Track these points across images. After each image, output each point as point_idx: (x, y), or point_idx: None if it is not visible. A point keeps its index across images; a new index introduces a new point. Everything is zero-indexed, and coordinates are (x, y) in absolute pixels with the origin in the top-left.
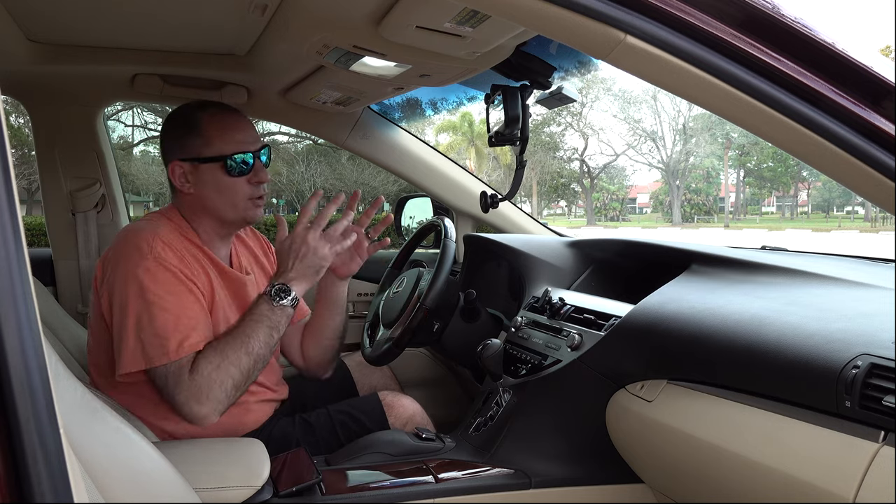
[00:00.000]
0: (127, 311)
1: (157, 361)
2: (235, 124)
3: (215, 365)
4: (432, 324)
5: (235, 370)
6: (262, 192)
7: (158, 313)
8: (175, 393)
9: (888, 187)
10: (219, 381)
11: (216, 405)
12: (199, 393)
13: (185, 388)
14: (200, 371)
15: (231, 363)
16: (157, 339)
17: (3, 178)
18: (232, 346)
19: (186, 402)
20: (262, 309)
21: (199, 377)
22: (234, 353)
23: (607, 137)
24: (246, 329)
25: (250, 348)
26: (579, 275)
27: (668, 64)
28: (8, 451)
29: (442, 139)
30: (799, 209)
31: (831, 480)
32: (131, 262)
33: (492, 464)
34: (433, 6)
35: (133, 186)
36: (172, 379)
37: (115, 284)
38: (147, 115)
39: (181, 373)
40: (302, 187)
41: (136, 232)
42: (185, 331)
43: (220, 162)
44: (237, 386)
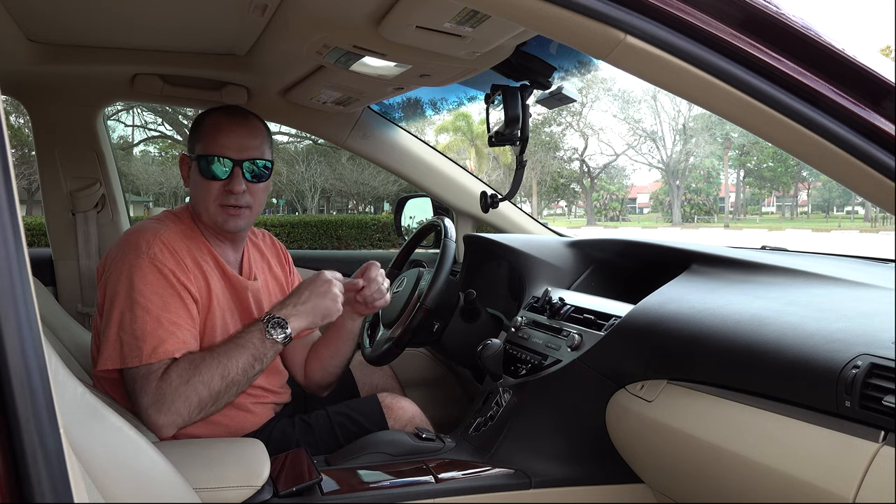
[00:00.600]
0: (113, 308)
1: (131, 362)
2: (228, 128)
3: (185, 379)
4: (432, 324)
5: (204, 389)
6: (233, 201)
7: (141, 314)
8: (140, 396)
9: (888, 187)
10: (184, 396)
11: (175, 418)
12: (161, 401)
13: (150, 394)
14: (169, 381)
15: (202, 381)
16: (134, 339)
17: (3, 178)
18: (208, 365)
19: (147, 407)
20: (252, 337)
21: (165, 386)
22: (209, 372)
23: (607, 137)
24: (229, 352)
25: (226, 372)
26: (579, 275)
27: (668, 64)
28: (8, 451)
29: (442, 139)
30: (799, 209)
31: (831, 480)
32: (127, 259)
33: (492, 464)
34: (433, 6)
35: (133, 186)
36: (140, 382)
37: (109, 280)
38: (147, 115)
39: (150, 377)
40: (302, 187)
41: (139, 231)
42: (163, 335)
43: (200, 161)
44: (202, 406)
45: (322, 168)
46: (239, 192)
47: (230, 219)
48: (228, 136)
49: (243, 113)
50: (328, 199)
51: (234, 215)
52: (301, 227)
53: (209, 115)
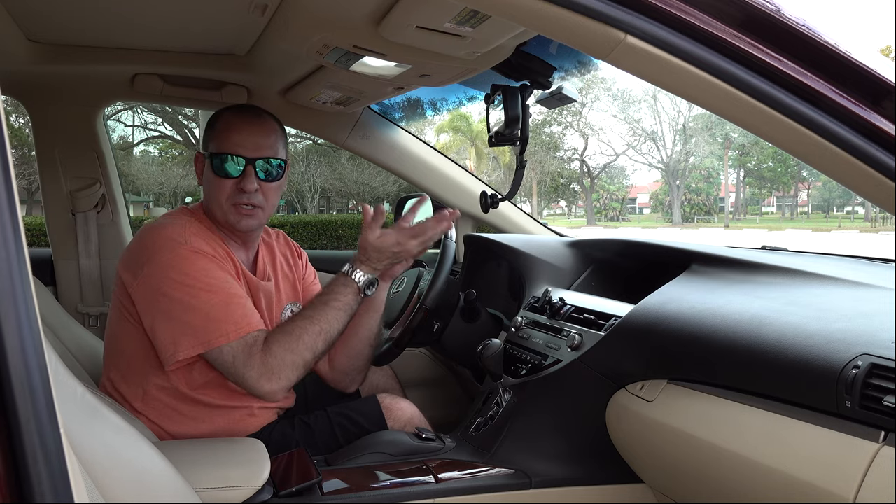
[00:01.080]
0: (169, 300)
1: (216, 342)
2: (241, 126)
3: (290, 349)
4: (432, 324)
5: (309, 354)
6: (245, 200)
7: (206, 296)
8: (245, 371)
9: (888, 187)
10: (291, 363)
11: (286, 383)
12: (270, 372)
13: (257, 366)
14: (274, 353)
15: (307, 348)
16: (209, 321)
17: (3, 178)
18: (309, 332)
19: (258, 378)
20: (349, 299)
21: (271, 359)
22: (311, 338)
23: (607, 137)
24: (328, 315)
25: (329, 336)
26: (579, 275)
27: (668, 64)
28: (8, 451)
29: (442, 139)
30: (799, 209)
31: (831, 480)
32: (166, 253)
33: (492, 464)
34: (433, 6)
35: (133, 186)
36: (242, 358)
37: (150, 277)
38: (147, 115)
39: (250, 351)
40: (302, 187)
41: (164, 226)
42: (239, 311)
43: (214, 160)
44: (307, 367)
45: (322, 168)
46: (251, 190)
47: (242, 218)
48: (241, 135)
49: (257, 111)
50: (328, 199)
51: (247, 215)
52: (301, 227)
53: (223, 114)
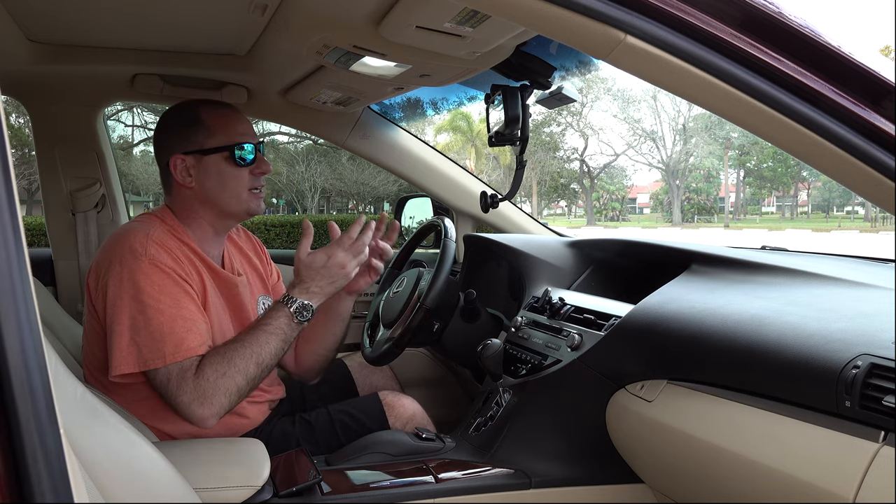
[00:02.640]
0: (121, 313)
1: (153, 364)
2: (237, 117)
3: (221, 372)
4: (432, 324)
5: (242, 379)
6: (262, 183)
7: (154, 315)
8: (177, 395)
9: (888, 187)
10: (224, 388)
11: (219, 409)
12: (202, 397)
13: (189, 391)
14: (206, 377)
15: (238, 371)
16: (152, 341)
17: (3, 178)
18: (241, 355)
19: (189, 404)
20: (281, 323)
21: (204, 382)
22: (244, 362)
23: (607, 137)
24: (259, 339)
25: (260, 359)
26: (579, 275)
27: (668, 64)
28: (8, 451)
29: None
30: (799, 209)
31: (831, 480)
32: (125, 264)
33: (492, 464)
34: (433, 6)
35: (133, 186)
36: (175, 381)
37: (108, 287)
38: (147, 115)
39: (184, 375)
40: (302, 187)
41: (127, 234)
42: (182, 333)
43: (225, 151)
44: (241, 393)
45: (322, 168)
46: (270, 170)
47: (260, 202)
48: (241, 123)
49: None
50: (328, 199)
51: (261, 196)
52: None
53: (203, 110)
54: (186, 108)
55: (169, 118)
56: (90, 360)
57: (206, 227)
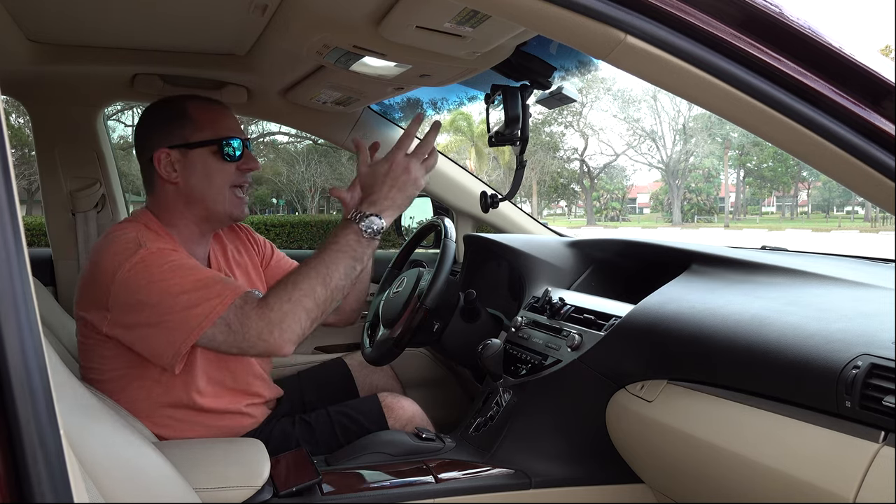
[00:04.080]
0: (147, 304)
1: (207, 323)
2: (224, 113)
3: (286, 298)
4: (432, 324)
5: (309, 301)
6: (248, 180)
7: (179, 286)
8: (244, 331)
9: (888, 187)
10: (292, 313)
11: (290, 335)
12: (271, 325)
13: (255, 324)
14: (270, 305)
15: (304, 294)
16: (193, 307)
17: (3, 178)
18: (306, 276)
19: (259, 336)
20: (349, 240)
21: (269, 311)
22: (309, 283)
23: (607, 137)
24: (326, 259)
25: (328, 280)
26: (579, 275)
27: (668, 64)
28: (8, 451)
29: (442, 139)
30: (799, 209)
31: (831, 480)
32: (125, 263)
33: (492, 464)
34: (433, 6)
35: (133, 186)
36: (236, 321)
37: (119, 293)
38: None
39: (243, 310)
40: (302, 187)
41: (113, 242)
42: (216, 285)
43: (212, 146)
44: (311, 317)
45: (322, 168)
46: (257, 167)
47: (242, 205)
48: (228, 118)
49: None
50: (328, 199)
51: (244, 200)
52: (301, 227)
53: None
54: (173, 103)
55: (153, 113)
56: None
57: (191, 227)
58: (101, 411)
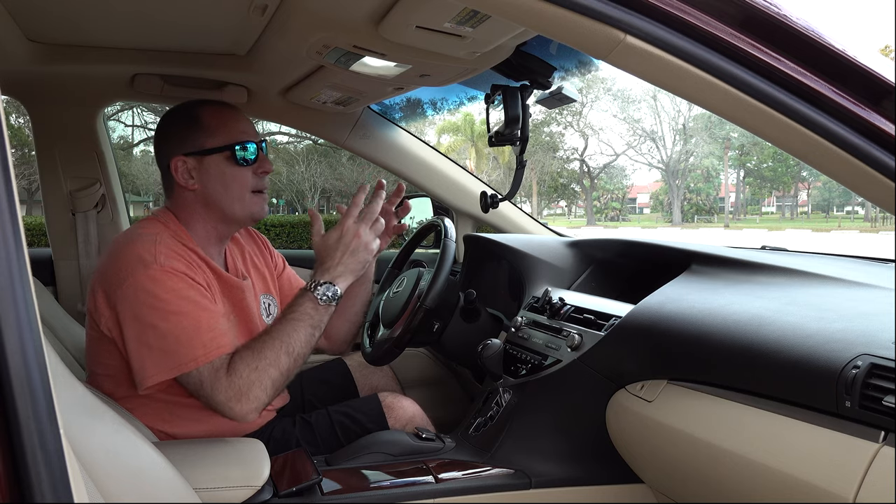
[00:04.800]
0: (142, 324)
1: (186, 367)
2: (237, 116)
3: (253, 367)
4: (432, 324)
5: (275, 371)
6: (265, 183)
7: (176, 320)
8: (213, 394)
9: (888, 187)
10: (258, 382)
11: (256, 404)
12: (238, 393)
13: (224, 390)
14: (239, 373)
15: (270, 364)
16: (180, 346)
17: (3, 178)
18: (270, 347)
19: (227, 402)
20: (307, 308)
21: (237, 379)
22: (274, 353)
23: (607, 137)
24: (286, 328)
25: (290, 349)
26: (579, 275)
27: (668, 64)
28: (8, 451)
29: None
30: (799, 209)
31: (831, 480)
32: (137, 274)
33: (492, 464)
34: (433, 6)
35: (133, 186)
36: (208, 382)
37: (124, 300)
38: (147, 115)
39: (217, 375)
40: (302, 187)
41: (134, 242)
42: (208, 333)
43: (226, 151)
44: (276, 386)
45: (322, 168)
46: (271, 170)
47: (263, 204)
48: (241, 122)
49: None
50: (328, 199)
51: (265, 199)
52: (301, 227)
53: (203, 110)
54: (186, 109)
55: (168, 120)
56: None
57: (209, 230)
58: (101, 411)
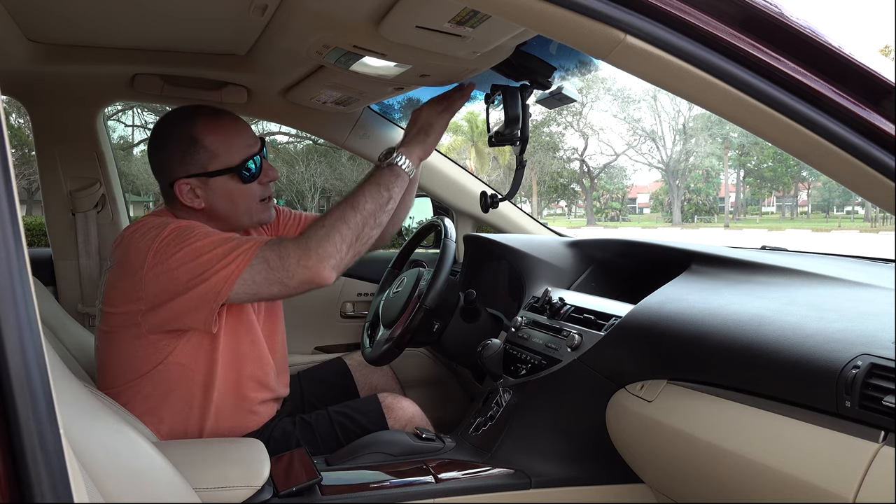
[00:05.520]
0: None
1: (244, 263)
2: (234, 129)
3: (320, 225)
4: (432, 324)
5: (344, 226)
6: (271, 190)
7: (212, 241)
8: (283, 263)
9: (888, 187)
10: (326, 238)
11: (329, 260)
12: (308, 250)
13: (292, 252)
14: (306, 234)
15: (338, 219)
16: (230, 251)
17: (3, 178)
18: (337, 208)
19: (298, 262)
20: (373, 173)
21: (305, 239)
22: (340, 211)
23: (607, 137)
24: (354, 191)
25: (356, 205)
26: (579, 275)
27: (668, 64)
28: (8, 451)
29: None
30: (799, 209)
31: (831, 480)
32: (156, 240)
33: (492, 464)
34: (433, 6)
35: (133, 186)
36: (273, 256)
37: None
38: (147, 115)
39: (281, 245)
40: (302, 187)
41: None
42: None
43: (230, 173)
44: (348, 243)
45: (322, 168)
46: (276, 176)
47: (270, 210)
48: (240, 135)
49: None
50: (328, 199)
51: (272, 204)
52: None
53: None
54: (180, 128)
55: (163, 137)
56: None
57: None
58: (101, 411)
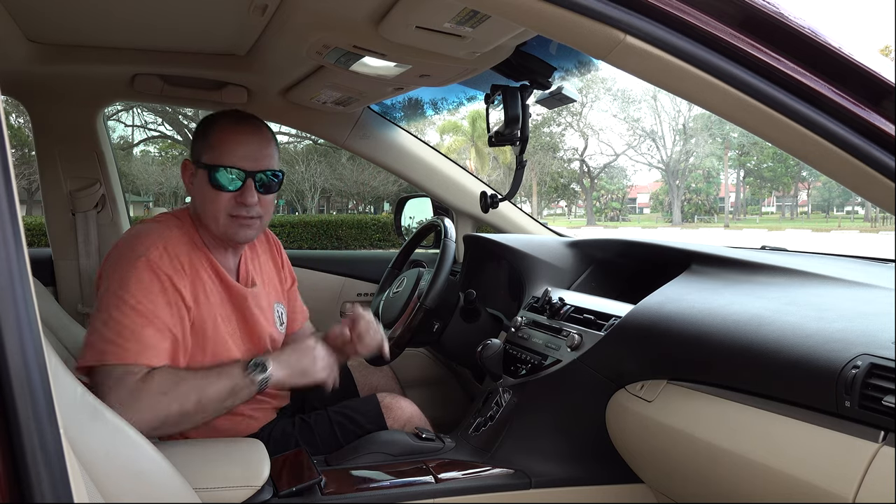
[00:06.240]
0: (102, 305)
1: (110, 360)
2: (241, 138)
3: (164, 390)
4: (432, 324)
5: (176, 405)
6: (246, 213)
7: (129, 313)
8: (111, 392)
9: (888, 187)
10: (156, 406)
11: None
12: (134, 404)
13: (125, 393)
14: (150, 387)
15: (178, 397)
16: (119, 338)
17: (3, 178)
18: (189, 384)
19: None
20: (234, 369)
21: (145, 390)
22: (187, 389)
23: (607, 137)
24: (210, 376)
25: (202, 396)
26: (579, 275)
27: (668, 64)
28: (8, 451)
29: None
30: (799, 209)
31: (831, 480)
32: (123, 260)
33: (492, 464)
34: (433, 6)
35: (133, 186)
36: (115, 380)
37: (104, 278)
38: (147, 115)
39: (126, 378)
40: (302, 187)
41: (140, 234)
42: (149, 341)
43: (209, 170)
44: (165, 421)
45: (322, 168)
46: (252, 204)
47: (241, 229)
48: (242, 147)
49: (254, 121)
50: (328, 199)
51: (246, 225)
52: (301, 227)
53: (218, 122)
54: (213, 117)
55: (200, 122)
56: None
57: (210, 236)
58: (101, 411)
